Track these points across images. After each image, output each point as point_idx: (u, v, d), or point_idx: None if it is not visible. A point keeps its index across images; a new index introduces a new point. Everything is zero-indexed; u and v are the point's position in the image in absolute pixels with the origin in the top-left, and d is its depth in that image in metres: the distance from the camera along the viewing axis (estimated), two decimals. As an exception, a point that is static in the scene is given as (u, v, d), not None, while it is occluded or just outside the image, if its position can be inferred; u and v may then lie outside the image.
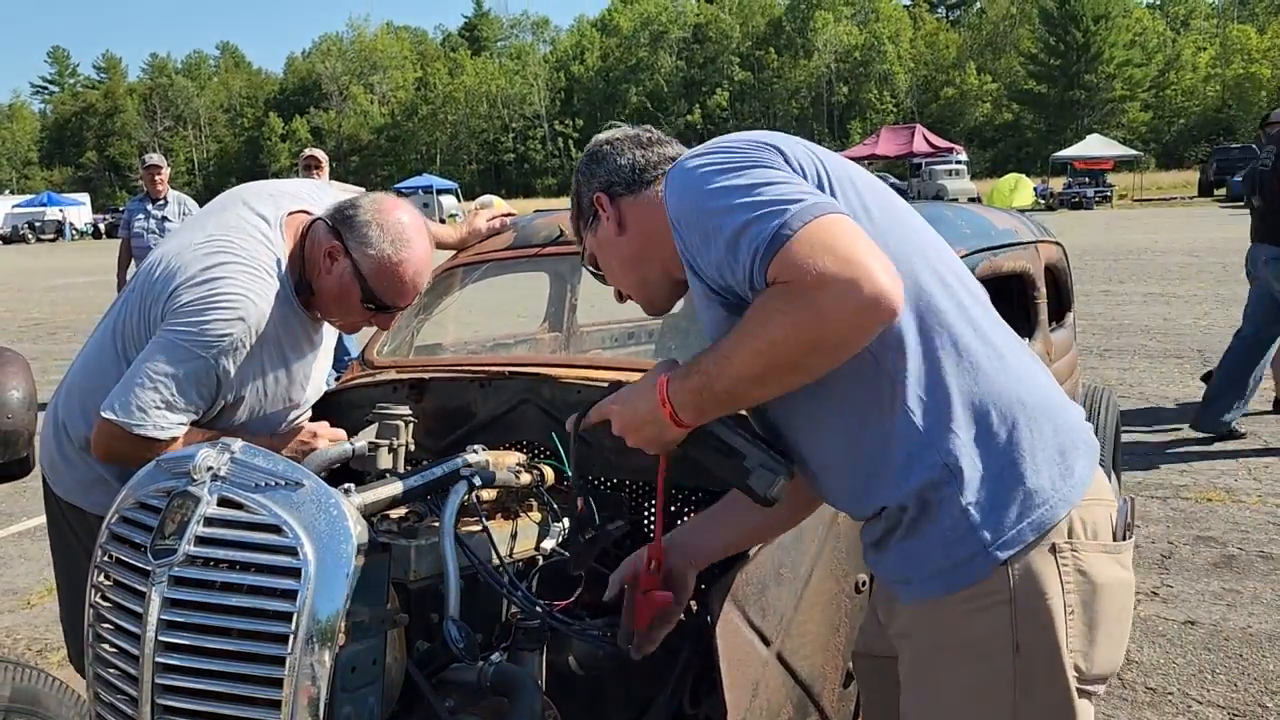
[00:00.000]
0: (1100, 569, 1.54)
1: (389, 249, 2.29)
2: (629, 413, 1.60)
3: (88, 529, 2.42)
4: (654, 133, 1.89)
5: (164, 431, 2.22)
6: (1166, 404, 7.47)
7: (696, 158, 1.55)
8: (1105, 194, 39.88)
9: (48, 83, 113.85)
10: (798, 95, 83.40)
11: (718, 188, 1.47)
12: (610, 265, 1.84)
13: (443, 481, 1.98)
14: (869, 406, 1.53)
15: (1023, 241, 3.36)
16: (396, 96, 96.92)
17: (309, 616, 1.58)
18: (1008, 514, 1.50)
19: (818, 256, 1.35)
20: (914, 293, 1.51)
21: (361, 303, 2.33)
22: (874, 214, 1.55)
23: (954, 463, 1.50)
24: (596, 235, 1.83)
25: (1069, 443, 1.57)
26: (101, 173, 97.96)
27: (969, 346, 1.54)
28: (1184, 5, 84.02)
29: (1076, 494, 1.54)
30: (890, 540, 1.59)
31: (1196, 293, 13.23)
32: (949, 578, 1.53)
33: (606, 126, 1.91)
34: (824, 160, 1.58)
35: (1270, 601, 4.15)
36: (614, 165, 1.81)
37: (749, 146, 1.54)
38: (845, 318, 1.35)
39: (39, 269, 30.82)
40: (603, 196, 1.80)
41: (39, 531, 5.65)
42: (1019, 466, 1.51)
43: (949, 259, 1.64)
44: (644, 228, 1.77)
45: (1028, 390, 1.56)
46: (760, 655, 2.01)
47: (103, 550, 1.78)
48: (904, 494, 1.53)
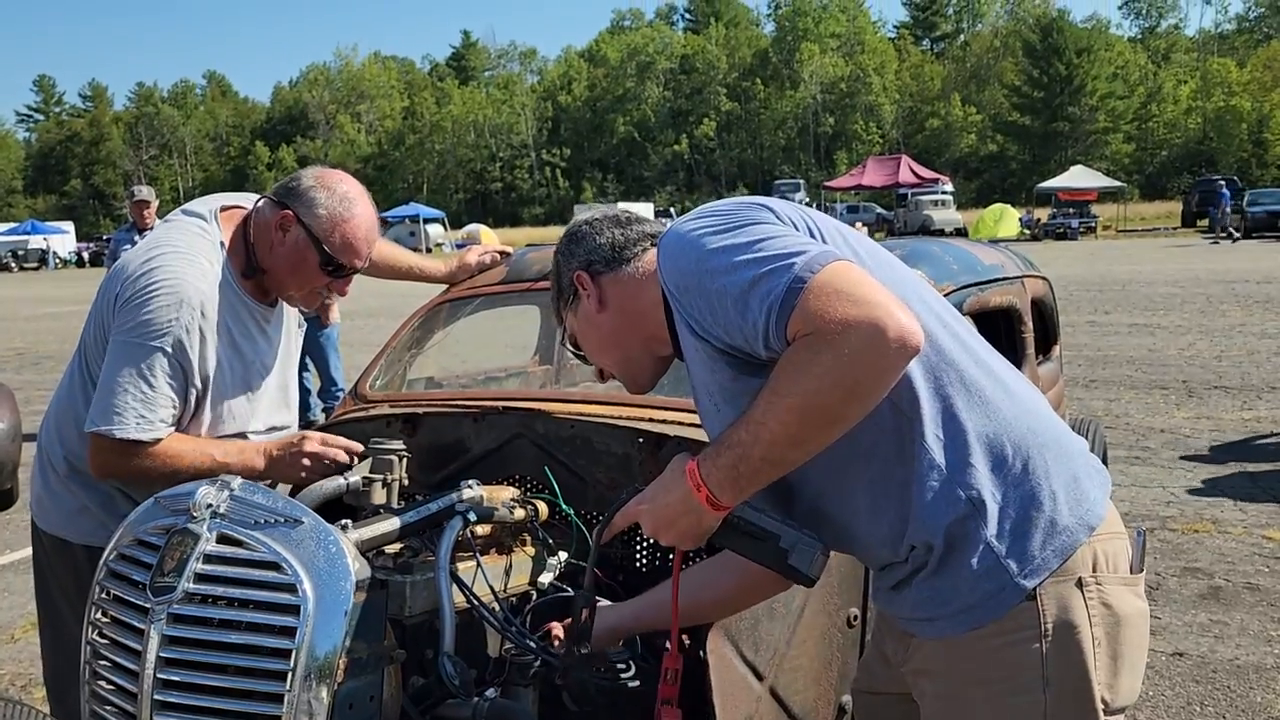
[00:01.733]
0: (1122, 601, 1.59)
1: (339, 208, 2.34)
2: (660, 510, 1.55)
3: (73, 565, 2.42)
4: (631, 213, 1.93)
5: (147, 431, 2.22)
6: (1152, 434, 7.52)
7: (689, 222, 1.58)
8: (1089, 224, 40.24)
9: (33, 111, 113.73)
10: (784, 125, 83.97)
11: (717, 248, 1.50)
12: (591, 343, 1.87)
13: (438, 517, 1.99)
14: (889, 450, 1.56)
15: (1009, 277, 3.40)
16: (383, 126, 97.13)
17: (308, 653, 1.59)
18: (1031, 542, 1.54)
19: (836, 304, 1.36)
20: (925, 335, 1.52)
21: (320, 266, 2.36)
22: (866, 261, 1.58)
23: (976, 496, 1.54)
24: (577, 314, 1.85)
25: (1080, 470, 1.62)
26: (86, 201, 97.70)
27: (975, 381, 1.58)
28: (1165, 39, 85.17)
29: (1094, 518, 1.58)
30: (915, 579, 1.61)
31: (1181, 323, 13.34)
32: (977, 613, 1.56)
33: (591, 205, 1.93)
34: (811, 215, 1.63)
35: (1257, 633, 4.17)
36: (593, 244, 1.84)
37: (739, 206, 1.58)
38: (877, 358, 1.35)
39: (22, 298, 30.68)
40: (583, 275, 1.82)
41: (23, 565, 5.61)
42: (1037, 495, 1.55)
43: (940, 299, 1.70)
44: (625, 304, 1.80)
45: (1036, 420, 1.61)
46: (753, 690, 2.02)
47: (100, 587, 1.78)
48: (932, 531, 1.55)
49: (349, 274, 2.42)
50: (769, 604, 2.03)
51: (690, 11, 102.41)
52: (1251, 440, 7.21)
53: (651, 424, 2.35)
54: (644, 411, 2.44)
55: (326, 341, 7.71)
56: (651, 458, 2.33)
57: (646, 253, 1.81)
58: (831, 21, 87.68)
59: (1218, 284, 18.45)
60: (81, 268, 54.66)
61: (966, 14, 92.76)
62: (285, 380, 2.61)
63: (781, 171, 74.13)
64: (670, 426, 2.32)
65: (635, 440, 2.33)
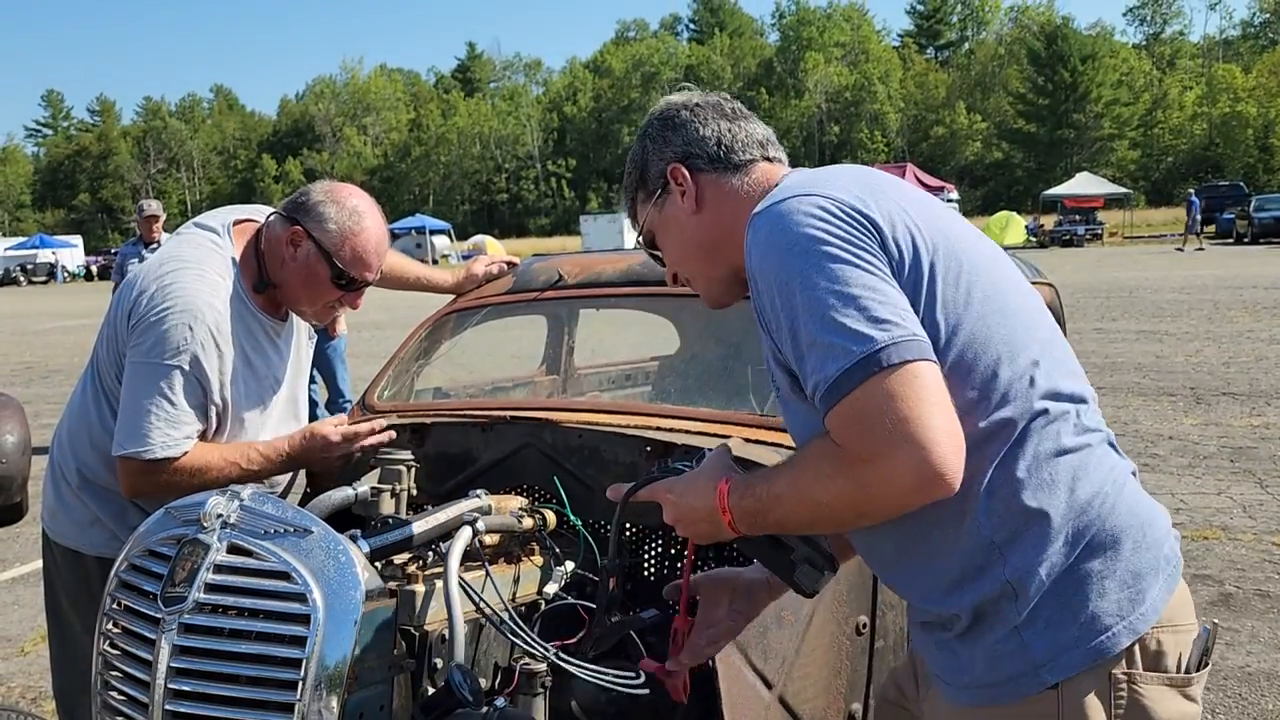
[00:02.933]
0: (1160, 703, 1.43)
1: (348, 221, 2.35)
2: (686, 507, 1.54)
3: (84, 576, 2.44)
4: (735, 103, 1.73)
5: (171, 449, 2.26)
6: (1161, 441, 7.50)
7: (790, 215, 1.41)
8: (1096, 231, 40.20)
9: (41, 126, 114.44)
10: (789, 135, 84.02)
11: (802, 276, 1.36)
12: (675, 246, 1.70)
13: (447, 527, 2.00)
14: (933, 515, 1.41)
15: (1016, 283, 3.40)
16: (390, 138, 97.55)
17: (318, 663, 1.59)
18: (1063, 637, 1.40)
19: (874, 425, 1.27)
20: (1003, 394, 1.41)
21: (331, 280, 2.37)
22: (975, 297, 1.43)
23: (1018, 581, 1.41)
24: (663, 210, 1.68)
25: (1147, 564, 1.44)
26: (94, 215, 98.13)
27: (1053, 457, 1.42)
28: (1170, 45, 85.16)
29: (1144, 623, 1.42)
30: (939, 634, 1.53)
31: (1188, 330, 13.31)
32: (993, 692, 1.45)
33: (680, 87, 1.76)
34: (927, 234, 1.44)
35: (1268, 640, 4.16)
36: (695, 134, 1.66)
37: (849, 221, 1.40)
38: (894, 498, 1.30)
39: (31, 312, 30.80)
40: (680, 168, 1.65)
41: (33, 577, 5.62)
42: (1085, 589, 1.40)
43: (1047, 335, 1.51)
44: (722, 217, 1.63)
45: (1110, 505, 1.44)
46: (762, 698, 2.01)
47: (112, 598, 1.79)
48: (959, 604, 1.45)
49: (360, 287, 2.43)
50: (777, 612, 2.03)
51: (694, 21, 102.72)
52: (1260, 447, 7.18)
53: (660, 433, 2.35)
54: (652, 420, 2.44)
55: (333, 353, 7.72)
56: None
57: (755, 165, 1.66)
58: (835, 30, 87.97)
59: (1225, 290, 18.41)
60: (90, 281, 54.87)
61: (970, 22, 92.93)
62: (295, 393, 2.63)
63: (787, 180, 74.08)
64: (679, 435, 2.32)
65: (643, 449, 2.33)
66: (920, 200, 1.52)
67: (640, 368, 4.13)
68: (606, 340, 3.92)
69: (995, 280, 1.48)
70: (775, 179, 1.63)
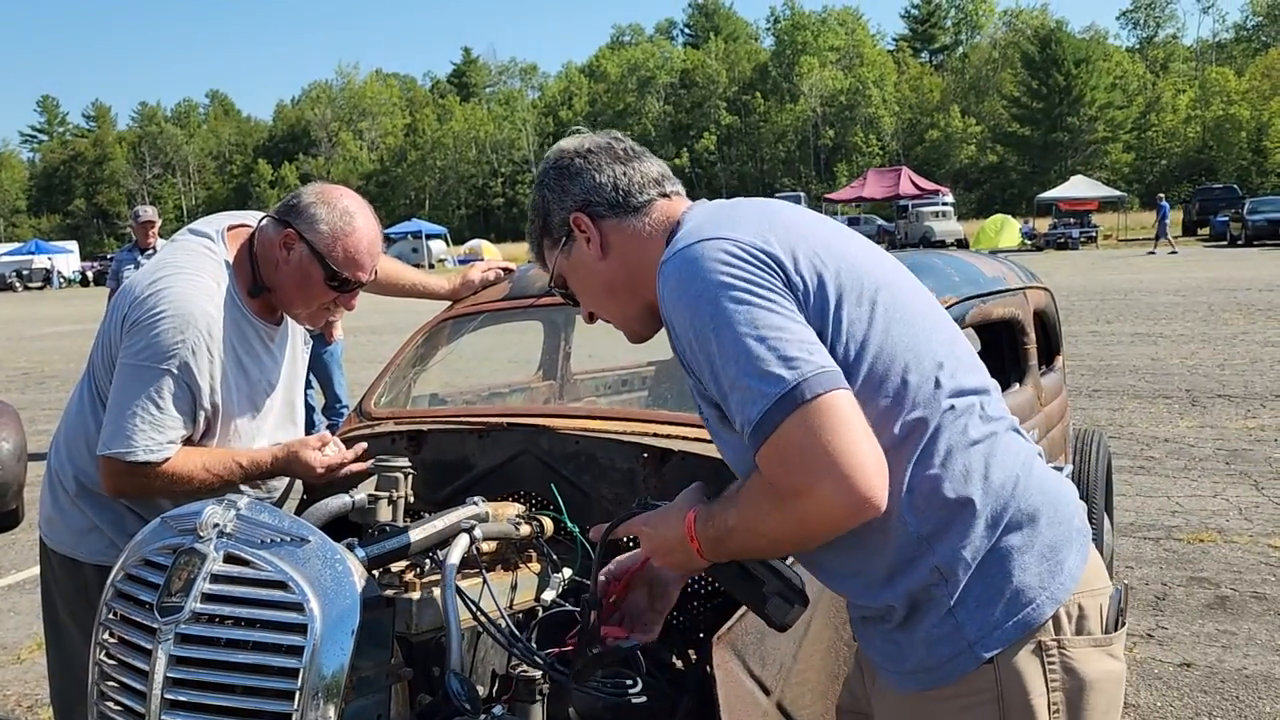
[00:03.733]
0: (1088, 664, 1.53)
1: (340, 222, 2.36)
2: (659, 538, 1.62)
3: (82, 584, 2.44)
4: (626, 142, 1.76)
5: (155, 453, 2.26)
6: (1156, 444, 7.51)
7: (696, 262, 1.46)
8: (1090, 234, 40.24)
9: (37, 131, 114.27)
10: (784, 139, 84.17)
11: (714, 322, 1.42)
12: (586, 290, 1.75)
13: (444, 534, 2.00)
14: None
15: (1011, 288, 3.41)
16: (385, 142, 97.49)
17: (315, 672, 1.59)
18: (992, 613, 1.49)
19: (799, 462, 1.35)
20: (913, 398, 1.48)
21: (325, 282, 2.37)
22: (878, 311, 1.51)
23: (945, 566, 1.49)
24: (570, 257, 1.72)
25: (1061, 537, 1.54)
26: (90, 220, 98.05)
27: (965, 448, 1.50)
28: (1163, 49, 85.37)
29: (1064, 591, 1.51)
30: (879, 626, 1.60)
31: (1183, 332, 13.33)
32: (932, 675, 1.53)
33: (571, 131, 1.79)
34: (826, 259, 1.51)
35: (1265, 642, 4.16)
36: (592, 181, 1.69)
37: (752, 261, 1.45)
38: (828, 524, 1.39)
39: (27, 317, 30.76)
40: (582, 217, 1.68)
41: (29, 585, 5.61)
42: (1007, 566, 1.49)
43: (948, 336, 1.60)
44: (628, 259, 1.68)
45: (1022, 486, 1.53)
46: (760, 704, 2.01)
47: (108, 608, 1.79)
48: (894, 596, 1.53)
49: (354, 288, 2.43)
50: (775, 618, 2.03)
51: (689, 26, 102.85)
52: (1256, 449, 7.20)
53: (656, 439, 2.35)
54: (648, 426, 2.44)
55: (330, 358, 7.72)
56: (655, 473, 2.33)
57: (654, 205, 1.69)
58: (830, 35, 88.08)
59: (1220, 292, 18.45)
60: (86, 287, 54.80)
61: (965, 26, 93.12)
62: (291, 398, 2.62)
63: (782, 184, 74.24)
64: (675, 441, 2.32)
65: (640, 455, 2.33)
66: (818, 226, 1.60)
67: (637, 373, 4.14)
68: (603, 346, 3.92)
69: (895, 292, 1.56)
70: (676, 215, 1.68)
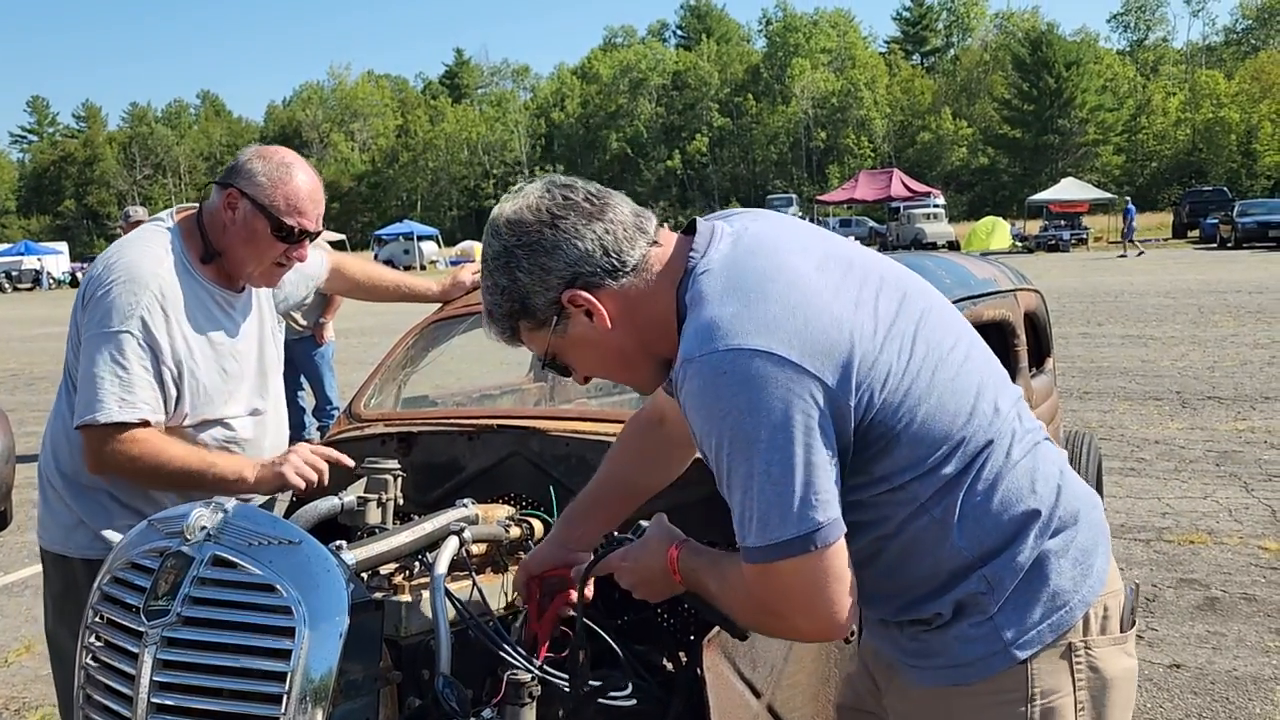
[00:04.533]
0: (1110, 662, 1.57)
1: (278, 173, 2.41)
2: (643, 570, 1.69)
3: (72, 581, 2.44)
4: (580, 188, 1.56)
5: (130, 411, 2.28)
6: (1147, 446, 7.53)
7: (719, 376, 1.38)
8: (1081, 236, 40.36)
9: (27, 132, 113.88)
10: (776, 140, 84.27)
11: (730, 445, 1.40)
12: (589, 361, 1.63)
13: (433, 537, 1.99)
14: (919, 550, 1.54)
15: (1002, 290, 3.41)
16: (377, 144, 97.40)
17: (303, 676, 1.58)
18: (1031, 615, 1.52)
19: (786, 597, 1.44)
20: (961, 437, 1.49)
21: (272, 234, 2.41)
22: (919, 364, 1.47)
23: (994, 576, 1.52)
24: (567, 334, 1.56)
25: (1091, 540, 1.58)
26: (80, 221, 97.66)
27: (1011, 470, 1.53)
28: (1153, 51, 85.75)
29: (1093, 593, 1.56)
30: (907, 628, 1.61)
31: (1173, 334, 13.37)
32: (965, 671, 1.55)
33: (513, 192, 1.57)
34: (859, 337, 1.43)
35: (1254, 644, 4.17)
36: (576, 252, 1.51)
37: (779, 384, 1.37)
38: (795, 638, 1.65)
39: (16, 319, 30.62)
40: (578, 294, 1.52)
41: (16, 587, 5.59)
42: (1046, 570, 1.53)
43: (981, 357, 1.60)
44: (637, 321, 1.55)
45: (1063, 493, 1.57)
46: (751, 707, 2.01)
47: (94, 611, 1.77)
48: (940, 605, 1.55)
49: (301, 238, 2.46)
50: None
51: (682, 28, 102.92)
52: (1245, 450, 7.22)
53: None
54: (639, 428, 2.43)
55: (321, 360, 7.69)
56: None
57: (648, 258, 1.55)
58: (822, 37, 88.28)
59: (1210, 294, 18.51)
60: (75, 288, 54.37)
61: (956, 28, 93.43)
62: (264, 367, 2.63)
63: (774, 186, 74.33)
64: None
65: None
66: (846, 288, 1.49)
67: (628, 375, 4.12)
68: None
69: (930, 332, 1.52)
70: (667, 256, 1.56)
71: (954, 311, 1.67)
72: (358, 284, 3.09)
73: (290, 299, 2.85)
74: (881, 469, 1.48)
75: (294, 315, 7.37)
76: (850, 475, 1.47)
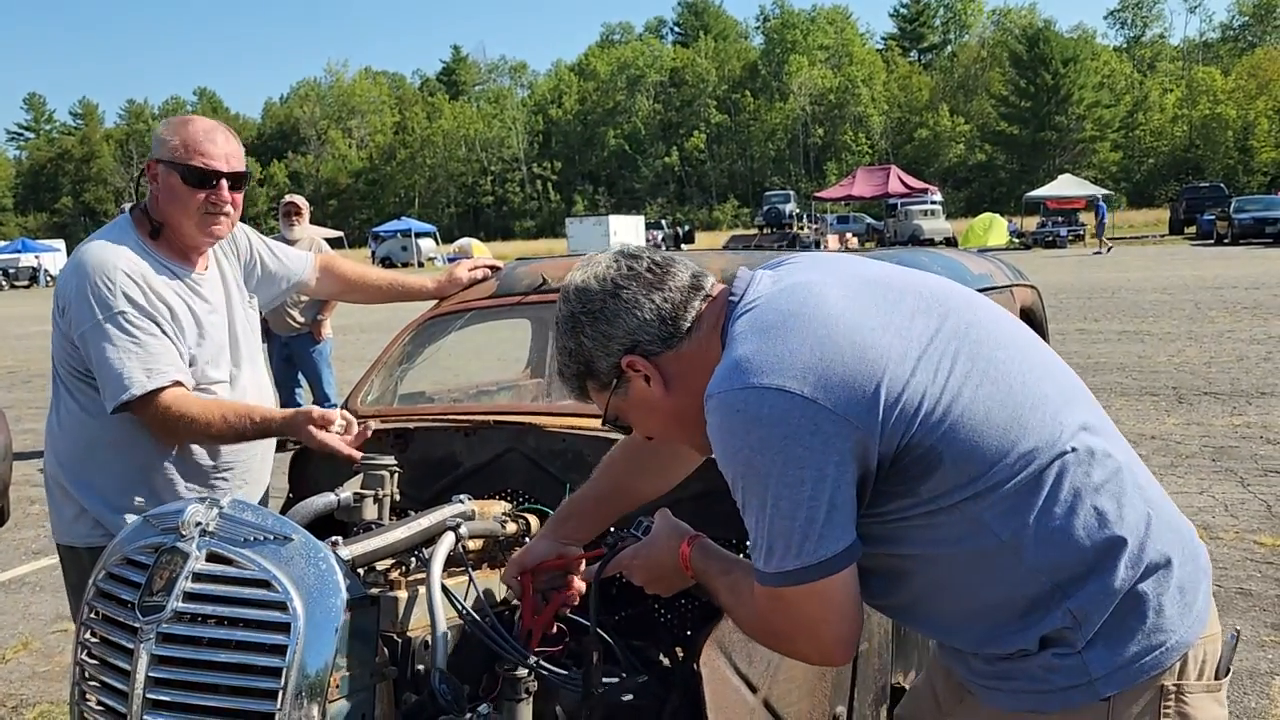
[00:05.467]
0: (1202, 710, 1.51)
1: (175, 125, 2.54)
2: (656, 567, 1.75)
3: (83, 572, 2.44)
4: (645, 258, 1.64)
5: (157, 378, 2.36)
6: (1143, 441, 7.54)
7: (740, 413, 1.42)
8: (1078, 233, 40.38)
9: (23, 129, 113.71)
10: (774, 137, 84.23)
11: (745, 479, 1.44)
12: (650, 423, 1.68)
13: (429, 532, 1.99)
14: (989, 574, 1.48)
15: (998, 286, 3.41)
16: (374, 141, 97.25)
17: (298, 671, 1.58)
18: (1123, 653, 1.46)
19: (793, 620, 1.48)
20: (1022, 454, 1.44)
21: (185, 185, 2.47)
22: (961, 383, 1.45)
23: (1081, 612, 1.46)
24: (628, 397, 1.64)
25: (1190, 577, 1.51)
26: (77, 219, 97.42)
27: (1092, 493, 1.46)
28: (1150, 48, 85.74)
29: (1193, 635, 1.49)
30: (985, 655, 1.56)
31: (1170, 330, 13.38)
32: (1040, 698, 1.50)
33: (585, 262, 1.66)
34: (889, 362, 1.43)
35: (1250, 638, 4.18)
36: (636, 321, 1.59)
37: (795, 420, 1.39)
38: (796, 657, 1.62)
39: (13, 316, 30.57)
40: (636, 360, 1.59)
41: (14, 584, 5.58)
42: (1143, 608, 1.46)
43: (1045, 372, 1.54)
44: (693, 384, 1.57)
45: (1155, 524, 1.50)
46: (747, 702, 2.01)
47: (89, 607, 1.77)
48: (1025, 642, 1.49)
49: (216, 180, 2.50)
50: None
51: (679, 25, 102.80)
52: (1242, 446, 7.23)
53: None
54: (635, 424, 2.43)
55: (319, 357, 7.69)
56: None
57: (702, 319, 1.61)
58: (819, 34, 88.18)
59: (1206, 290, 18.53)
60: (72, 285, 54.35)
61: (953, 25, 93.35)
62: (236, 337, 2.68)
63: (772, 183, 74.28)
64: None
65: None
66: (878, 313, 1.49)
67: (624, 371, 4.12)
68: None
69: (977, 348, 1.49)
70: (720, 308, 1.61)
71: (1013, 324, 1.62)
72: (350, 284, 3.09)
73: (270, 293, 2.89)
74: (929, 489, 1.45)
75: (292, 313, 7.37)
76: (898, 497, 1.46)
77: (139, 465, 2.47)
